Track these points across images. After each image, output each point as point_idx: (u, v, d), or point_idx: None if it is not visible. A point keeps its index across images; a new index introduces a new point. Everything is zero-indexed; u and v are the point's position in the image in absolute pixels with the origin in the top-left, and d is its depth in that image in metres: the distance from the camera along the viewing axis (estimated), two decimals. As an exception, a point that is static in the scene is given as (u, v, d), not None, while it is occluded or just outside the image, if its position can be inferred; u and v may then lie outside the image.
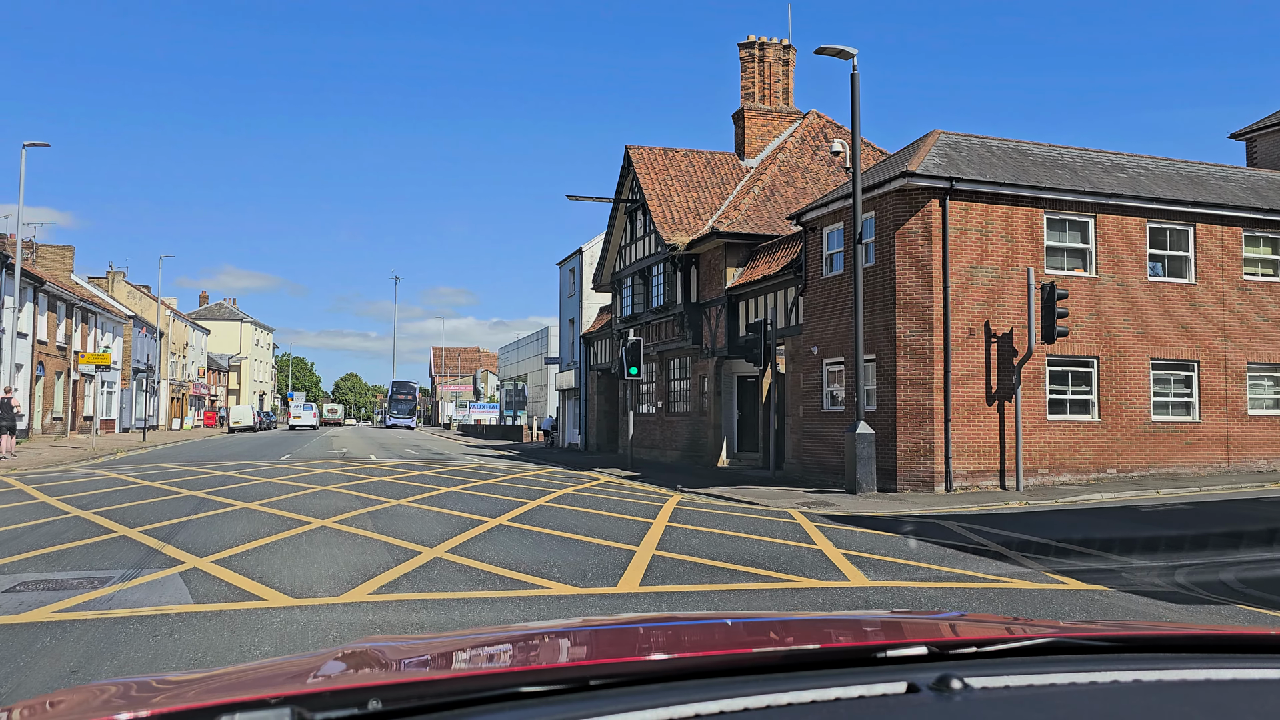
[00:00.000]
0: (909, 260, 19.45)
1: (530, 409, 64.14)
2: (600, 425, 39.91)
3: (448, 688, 1.22)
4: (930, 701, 1.17)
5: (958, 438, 19.19)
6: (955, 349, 19.27)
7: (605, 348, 39.18)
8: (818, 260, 22.44)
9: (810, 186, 29.50)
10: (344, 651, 1.71)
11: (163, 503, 14.94)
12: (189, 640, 6.14)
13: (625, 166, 33.02)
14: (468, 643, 1.87)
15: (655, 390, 32.66)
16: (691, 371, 29.78)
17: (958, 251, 19.41)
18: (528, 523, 12.61)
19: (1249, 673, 1.32)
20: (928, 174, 19.22)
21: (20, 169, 34.99)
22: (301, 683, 1.41)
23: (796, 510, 16.10)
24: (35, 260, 52.10)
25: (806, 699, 1.16)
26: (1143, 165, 23.01)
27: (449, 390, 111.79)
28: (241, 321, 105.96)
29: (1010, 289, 19.73)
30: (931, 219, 19.33)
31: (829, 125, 32.25)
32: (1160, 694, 1.24)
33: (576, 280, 44.45)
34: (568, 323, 46.67)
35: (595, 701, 1.16)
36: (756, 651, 1.46)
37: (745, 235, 26.69)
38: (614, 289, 35.66)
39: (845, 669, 1.32)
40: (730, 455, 28.19)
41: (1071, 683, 1.25)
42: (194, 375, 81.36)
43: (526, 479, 21.90)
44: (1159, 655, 1.43)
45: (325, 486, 17.90)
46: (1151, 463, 20.67)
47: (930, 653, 1.38)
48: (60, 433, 44.52)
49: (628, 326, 33.22)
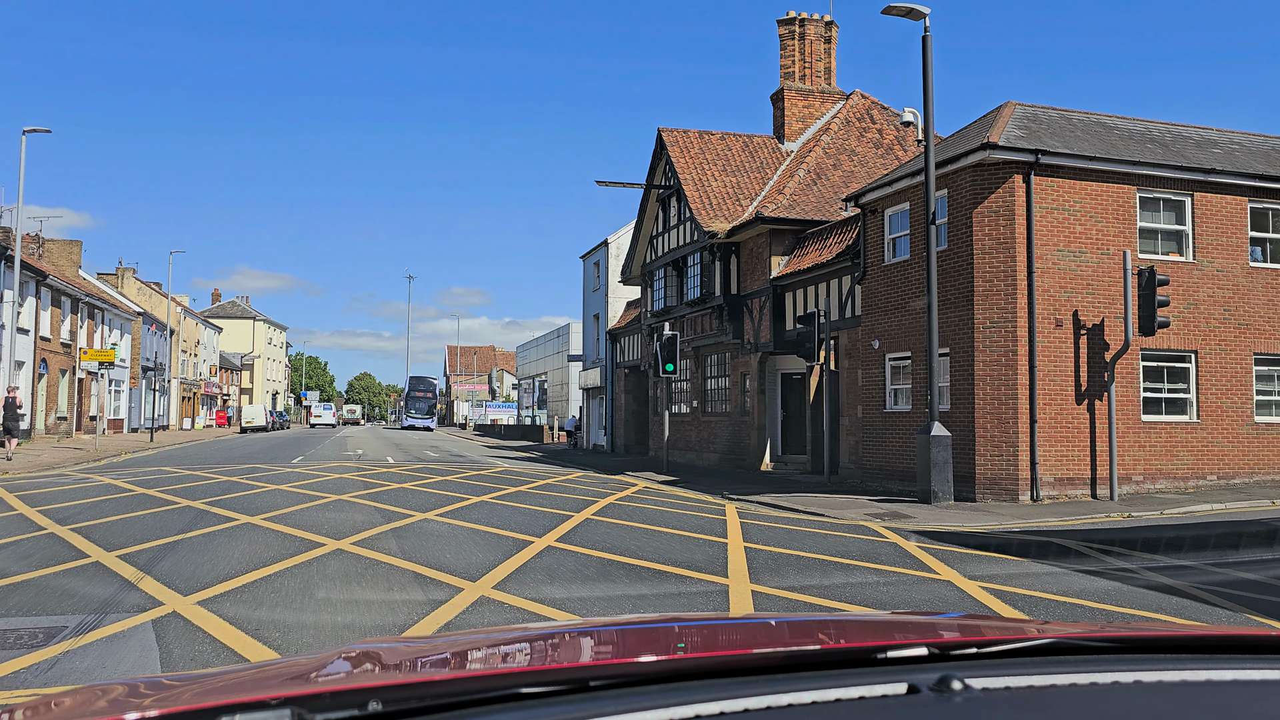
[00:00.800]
0: (988, 243, 17.42)
1: (551, 408, 62.15)
2: (628, 426, 37.93)
3: (448, 688, 1.21)
4: (931, 702, 1.16)
5: (1044, 441, 17.16)
6: (1041, 341, 17.24)
7: (633, 344, 37.20)
8: (878, 245, 20.42)
9: (858, 170, 27.47)
10: (344, 652, 1.71)
11: (154, 516, 13.06)
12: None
13: (657, 150, 31.04)
14: (468, 644, 1.86)
15: (690, 388, 30.67)
16: (731, 368, 27.77)
17: (1043, 233, 17.38)
18: (580, 544, 10.65)
19: (1250, 673, 1.31)
20: (1011, 146, 17.20)
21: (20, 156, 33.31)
22: (302, 683, 1.41)
23: (874, 523, 14.13)
24: (41, 255, 50.48)
25: (807, 700, 1.15)
26: (1236, 141, 20.92)
27: (465, 389, 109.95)
28: (254, 320, 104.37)
29: (1100, 275, 17.69)
30: (1014, 196, 17.30)
31: (875, 106, 30.20)
32: (1161, 695, 1.23)
33: (602, 274, 42.43)
34: (592, 318, 44.64)
35: (596, 702, 1.14)
36: (757, 652, 1.45)
37: (792, 221, 24.67)
38: (644, 281, 33.67)
39: (846, 670, 1.31)
40: (774, 458, 26.19)
41: (1072, 684, 1.24)
42: (205, 374, 79.74)
43: (560, 485, 19.97)
44: (1160, 656, 1.42)
45: (340, 495, 15.99)
46: (1255, 468, 18.59)
47: (931, 654, 1.37)
48: (65, 433, 42.81)
49: (660, 321, 31.24)
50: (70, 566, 8.87)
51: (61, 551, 9.78)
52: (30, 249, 49.57)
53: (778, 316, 24.85)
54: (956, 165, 17.66)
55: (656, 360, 26.53)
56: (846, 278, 22.08)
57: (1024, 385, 17.12)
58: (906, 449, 19.28)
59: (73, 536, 10.86)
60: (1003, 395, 17.21)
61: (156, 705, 1.24)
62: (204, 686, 1.42)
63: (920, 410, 18.94)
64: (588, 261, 45.26)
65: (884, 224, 20.27)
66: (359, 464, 25.92)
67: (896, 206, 19.90)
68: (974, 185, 17.58)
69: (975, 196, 17.56)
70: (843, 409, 22.19)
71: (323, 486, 17.83)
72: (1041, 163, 17.25)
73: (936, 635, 1.68)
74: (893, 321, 19.86)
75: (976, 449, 17.31)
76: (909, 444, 19.19)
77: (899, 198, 19.72)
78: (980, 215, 17.49)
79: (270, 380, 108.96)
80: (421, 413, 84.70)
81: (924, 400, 18.92)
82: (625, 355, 38.24)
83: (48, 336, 40.98)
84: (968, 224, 17.64)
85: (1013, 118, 18.78)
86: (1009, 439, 17.11)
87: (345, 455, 31.49)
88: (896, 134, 29.33)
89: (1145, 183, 18.11)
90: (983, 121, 19.66)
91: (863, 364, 21.02)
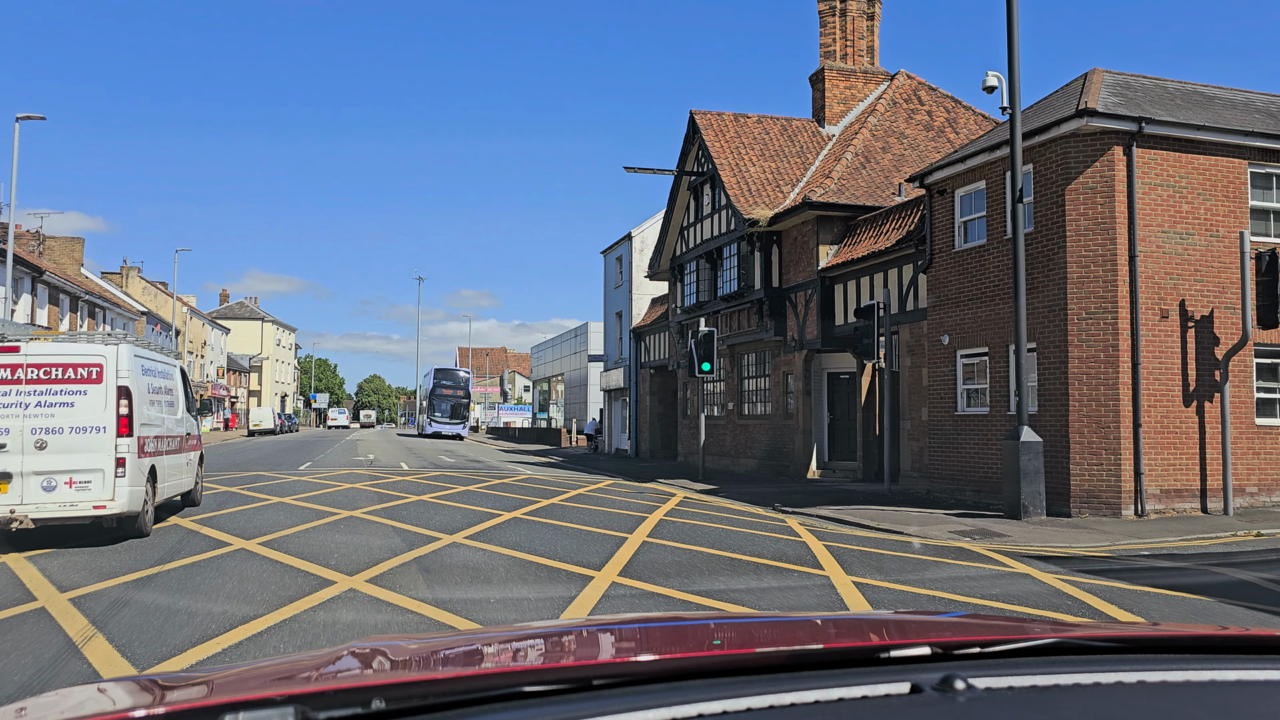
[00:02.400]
0: (1084, 223, 15.36)
1: (568, 411, 60.05)
2: (654, 429, 35.88)
3: (450, 687, 1.20)
4: (934, 702, 1.15)
5: (1150, 448, 15.09)
6: (1145, 335, 15.19)
7: (660, 342, 35.17)
8: (947, 230, 18.37)
9: (909, 153, 25.41)
10: (348, 651, 1.69)
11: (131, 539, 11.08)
12: None
13: (689, 135, 29.01)
14: (471, 642, 1.84)
15: (725, 389, 28.61)
16: (772, 368, 25.72)
17: (1146, 212, 15.32)
18: (650, 579, 8.59)
19: (1253, 674, 1.31)
20: (1111, 113, 15.14)
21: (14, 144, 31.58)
22: (306, 682, 1.40)
23: (970, 544, 12.12)
24: (42, 252, 48.73)
25: (809, 699, 1.15)
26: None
27: (477, 392, 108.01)
28: (263, 321, 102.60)
29: (1210, 259, 15.63)
30: (1114, 171, 15.24)
31: (922, 87, 28.11)
32: (1164, 695, 1.23)
33: (625, 269, 40.33)
34: (614, 316, 42.55)
35: (598, 701, 1.14)
36: (759, 651, 1.44)
37: (843, 206, 22.61)
38: (674, 276, 31.62)
39: (848, 669, 1.30)
40: (820, 465, 24.14)
41: (1075, 683, 1.24)
42: (213, 376, 77.96)
43: (594, 497, 17.96)
44: (1163, 656, 1.41)
45: (352, 511, 14.00)
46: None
47: (934, 653, 1.36)
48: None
49: (692, 318, 29.19)
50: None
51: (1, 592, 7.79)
52: (30, 245, 47.80)
53: (826, 311, 22.80)
54: (1046, 136, 15.61)
55: (691, 359, 24.50)
56: (908, 266, 20.03)
57: (1126, 384, 15.06)
58: (983, 456, 17.23)
59: (22, 569, 8.88)
60: (1102, 396, 15.14)
61: (161, 703, 1.23)
62: (208, 684, 1.39)
63: (1000, 412, 16.89)
64: (609, 257, 43.20)
65: (954, 206, 18.21)
66: (371, 471, 23.93)
67: (970, 186, 17.84)
68: (1067, 158, 15.53)
69: (1068, 171, 15.51)
70: (905, 411, 20.14)
71: (332, 499, 15.85)
72: (1145, 132, 15.20)
73: (939, 635, 1.62)
74: (965, 313, 17.81)
75: (1071, 457, 15.24)
76: (986, 450, 17.14)
77: (973, 176, 17.67)
78: (1074, 192, 15.43)
79: (279, 382, 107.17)
80: (447, 415, 63.92)
81: (1003, 401, 16.87)
82: (650, 355, 36.20)
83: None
84: (1059, 202, 15.59)
85: (1104, 85, 16.72)
86: (1110, 446, 15.04)
87: (356, 461, 29.52)
88: (948, 116, 27.26)
89: (1258, 156, 16.04)
90: (1067, 90, 17.60)
91: (929, 361, 18.97)
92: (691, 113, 28.20)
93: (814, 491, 20.23)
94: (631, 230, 39.49)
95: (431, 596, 7.64)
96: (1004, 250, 16.79)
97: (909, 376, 20.06)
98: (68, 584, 8.09)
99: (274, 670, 1.61)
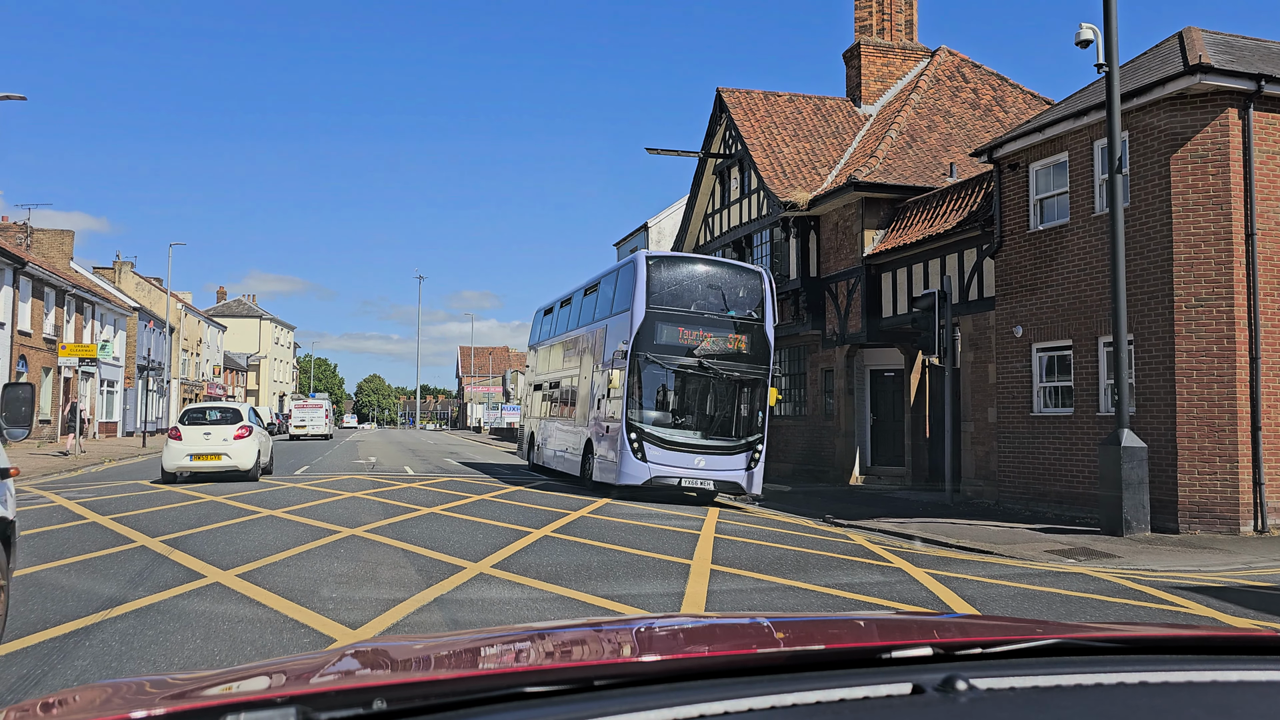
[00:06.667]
0: (1193, 196, 13.40)
1: (574, 411, 58.00)
2: (671, 430, 33.89)
3: (452, 687, 1.18)
4: (936, 702, 1.14)
5: (1271, 453, 13.15)
6: (1265, 325, 13.25)
7: (678, 339, 33.18)
8: (1019, 209, 16.41)
9: (957, 132, 23.45)
10: (350, 651, 1.67)
11: (85, 567, 9.12)
12: None
13: (715, 115, 27.03)
14: (473, 643, 1.81)
15: (754, 388, 26.64)
16: (809, 364, 23.75)
17: (1265, 183, 13.38)
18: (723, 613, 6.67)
19: (1255, 674, 1.29)
20: (1226, 69, 13.19)
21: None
22: (307, 682, 1.38)
23: (1075, 565, 10.20)
24: (30, 246, 46.77)
25: (811, 700, 1.13)
26: None
27: (479, 392, 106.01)
28: (261, 319, 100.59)
29: (1334, 239, 13.68)
30: (1228, 137, 13.28)
31: (965, 63, 26.15)
32: (1166, 695, 1.21)
33: (639, 262, 38.38)
34: (627, 312, 40.60)
35: (599, 702, 1.12)
36: (761, 652, 1.44)
37: (892, 187, 20.66)
38: (696, 267, 29.63)
39: (850, 670, 1.27)
40: (864, 470, 22.17)
41: (1077, 684, 1.22)
42: (209, 374, 75.95)
43: (621, 509, 15.99)
44: (1165, 657, 1.39)
45: (354, 530, 12.02)
46: None
47: (935, 654, 1.34)
48: (48, 437, 38.96)
49: (717, 311, 27.19)
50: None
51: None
52: (17, 238, 45.85)
53: (871, 302, 20.84)
54: (1148, 97, 13.66)
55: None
56: (970, 251, 18.07)
57: (1244, 381, 13.10)
58: (1065, 463, 15.27)
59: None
60: (1215, 395, 13.18)
61: (163, 703, 1.20)
62: (209, 685, 1.37)
63: (1086, 413, 14.93)
64: (623, 249, 41.23)
65: (1029, 181, 16.24)
66: (373, 477, 21.95)
67: (1047, 159, 15.87)
68: (1170, 123, 13.57)
69: (1172, 138, 13.55)
70: (968, 412, 18.18)
71: (330, 513, 13.88)
72: (1265, 93, 13.24)
73: (941, 635, 1.63)
74: (1042, 302, 15.84)
75: (1179, 465, 13.29)
76: (1069, 456, 15.19)
77: (1052, 147, 15.70)
78: (1181, 161, 13.47)
79: (277, 381, 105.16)
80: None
81: (1090, 401, 14.91)
82: (668, 352, 34.22)
83: (28, 331, 37.10)
84: (1162, 173, 13.63)
85: (1206, 43, 14.77)
86: (1224, 452, 13.09)
87: (357, 465, 27.54)
88: (994, 94, 25.30)
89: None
90: (1158, 52, 15.63)
91: (997, 356, 17.00)
92: (719, 90, 26.24)
93: (861, 500, 18.29)
94: (648, 220, 37.52)
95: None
96: (1090, 230, 14.83)
97: (971, 373, 18.10)
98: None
99: (276, 670, 1.59)
